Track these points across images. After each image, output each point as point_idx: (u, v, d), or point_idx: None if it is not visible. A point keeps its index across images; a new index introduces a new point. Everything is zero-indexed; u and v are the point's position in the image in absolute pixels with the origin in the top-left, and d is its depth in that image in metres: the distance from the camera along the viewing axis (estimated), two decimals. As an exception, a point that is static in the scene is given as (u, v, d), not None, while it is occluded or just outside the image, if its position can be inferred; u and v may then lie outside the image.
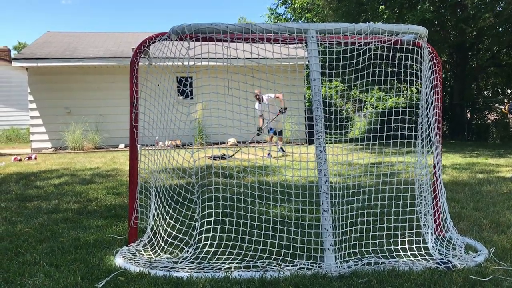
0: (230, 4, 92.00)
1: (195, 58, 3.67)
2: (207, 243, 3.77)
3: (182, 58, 3.75)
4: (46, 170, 9.20)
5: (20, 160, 11.44)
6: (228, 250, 3.67)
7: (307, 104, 16.61)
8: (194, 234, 3.77)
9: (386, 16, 14.50)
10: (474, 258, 3.52)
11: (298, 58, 13.60)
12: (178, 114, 4.08)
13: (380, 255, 3.59)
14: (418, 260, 3.54)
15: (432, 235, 3.87)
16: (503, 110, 18.96)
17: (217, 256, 3.61)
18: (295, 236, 3.77)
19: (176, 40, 3.77)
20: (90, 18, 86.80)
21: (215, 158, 9.18)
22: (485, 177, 7.70)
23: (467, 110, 19.66)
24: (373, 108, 21.02)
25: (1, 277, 3.21)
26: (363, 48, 3.83)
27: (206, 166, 4.16)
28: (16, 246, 3.92)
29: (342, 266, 3.35)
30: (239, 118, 3.98)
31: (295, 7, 21.25)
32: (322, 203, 3.42)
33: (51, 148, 15.27)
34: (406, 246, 3.76)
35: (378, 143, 4.18)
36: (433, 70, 4.11)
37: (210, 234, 3.81)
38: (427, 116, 3.94)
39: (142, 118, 4.20)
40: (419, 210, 3.94)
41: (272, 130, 11.68)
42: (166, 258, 3.64)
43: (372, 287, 3.03)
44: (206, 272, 3.28)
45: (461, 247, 3.77)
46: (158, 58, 4.03)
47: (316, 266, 3.36)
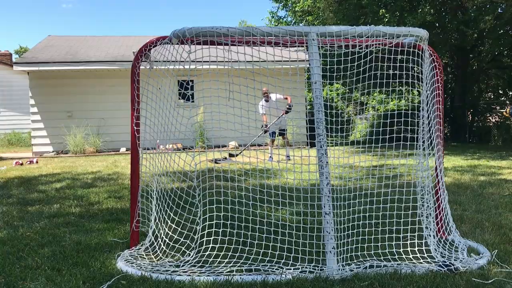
0: (231, 7, 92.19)
1: (196, 62, 3.67)
2: (209, 247, 3.76)
3: (183, 61, 3.75)
4: (47, 174, 9.20)
5: (21, 164, 11.45)
6: (229, 253, 3.66)
7: (308, 107, 16.65)
8: (195, 237, 3.77)
9: (386, 19, 14.51)
10: (476, 260, 3.51)
11: (299, 61, 13.60)
12: (179, 118, 4.08)
13: (382, 258, 3.58)
14: (420, 263, 3.53)
15: (434, 238, 3.86)
16: (505, 113, 18.96)
17: (218, 259, 3.60)
18: (297, 239, 3.77)
19: (177, 43, 3.77)
20: (91, 22, 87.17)
21: (217, 161, 9.18)
22: (487, 179, 7.68)
23: (469, 113, 19.65)
24: (374, 110, 21.02)
25: (3, 281, 3.21)
26: (364, 51, 3.83)
27: (208, 169, 4.16)
28: (17, 250, 3.92)
29: (344, 269, 3.34)
30: (241, 121, 3.98)
31: (296, 11, 21.29)
32: (324, 206, 3.42)
33: (53, 152, 15.29)
34: (408, 249, 3.75)
35: (380, 146, 4.17)
36: (434, 73, 4.11)
37: (211, 238, 3.80)
38: (428, 118, 3.94)
39: (144, 121, 4.20)
40: (421, 213, 3.93)
41: (273, 135, 11.59)
42: (168, 262, 3.63)
43: (374, 290, 3.02)
44: (208, 275, 3.27)
45: (463, 250, 3.76)
46: (159, 61, 4.03)
47: (318, 269, 3.35)
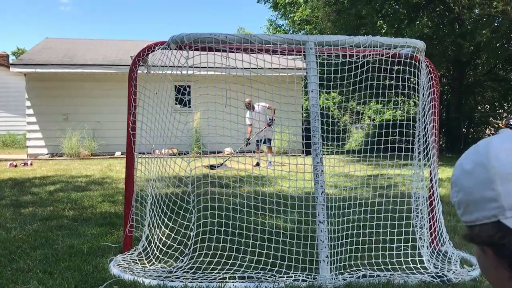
0: (229, 14, 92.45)
1: (194, 67, 3.68)
2: (202, 253, 3.75)
3: (180, 67, 3.76)
4: (41, 177, 9.16)
5: (15, 165, 11.39)
6: (223, 260, 3.65)
7: (305, 115, 16.68)
8: (189, 243, 3.75)
9: (384, 30, 14.58)
10: (469, 272, 3.52)
11: (296, 69, 13.65)
12: (176, 123, 4.08)
13: (375, 268, 3.58)
14: (413, 273, 3.53)
15: (427, 249, 3.86)
16: (501, 124, 19.03)
17: (212, 266, 3.59)
18: (291, 247, 3.76)
19: (175, 49, 3.78)
20: (88, 25, 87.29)
21: (212, 167, 9.16)
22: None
23: (464, 124, 19.72)
24: (370, 120, 21.07)
25: (-7, 283, 3.19)
26: (361, 60, 3.86)
27: (203, 175, 4.16)
28: (10, 253, 3.89)
29: (337, 278, 3.34)
30: (237, 128, 3.99)
31: (294, 20, 21.38)
32: (318, 215, 3.42)
33: (47, 154, 15.22)
34: (402, 259, 3.75)
35: (375, 156, 4.18)
36: (430, 84, 4.14)
37: (205, 244, 3.79)
38: (425, 129, 3.96)
39: (140, 126, 4.19)
40: (415, 223, 3.94)
41: (259, 143, 11.63)
42: (161, 267, 3.62)
43: (367, 300, 3.02)
44: (201, 282, 3.27)
45: (456, 261, 3.76)
46: (157, 66, 4.04)
47: (311, 278, 3.35)
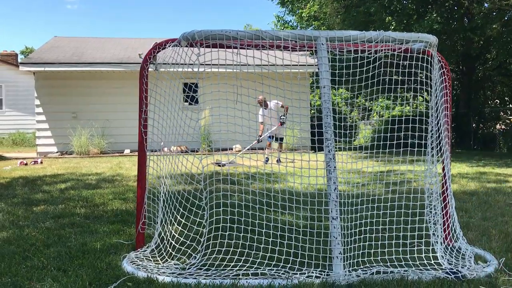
0: (236, 11, 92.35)
1: (205, 65, 3.68)
2: (215, 250, 3.76)
3: (192, 64, 3.75)
4: (52, 175, 9.22)
5: (26, 164, 11.47)
6: (236, 257, 3.65)
7: (312, 111, 16.64)
8: (202, 240, 3.76)
9: (393, 27, 14.50)
10: (484, 268, 3.49)
11: (304, 65, 13.60)
12: (186, 120, 4.08)
13: (389, 264, 3.56)
14: (427, 269, 3.51)
15: (441, 245, 3.84)
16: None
17: (225, 262, 3.59)
18: (303, 244, 3.75)
19: (186, 46, 3.78)
20: (94, 22, 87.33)
21: (219, 164, 9.17)
22: (492, 186, 7.65)
23: (474, 120, 19.59)
24: (379, 116, 21.00)
25: (9, 281, 3.21)
26: (373, 56, 3.83)
27: (215, 172, 4.16)
28: (23, 250, 3.92)
29: (350, 275, 3.32)
30: (248, 125, 3.98)
31: (302, 16, 21.31)
32: (331, 211, 3.41)
33: (57, 152, 15.31)
34: (415, 256, 3.73)
35: (385, 152, 4.16)
36: (443, 79, 4.10)
37: (218, 241, 3.80)
38: (438, 124, 3.93)
39: (151, 123, 4.20)
40: (429, 219, 3.91)
41: (270, 138, 11.64)
42: (174, 264, 3.62)
43: (381, 297, 3.01)
44: (214, 278, 3.26)
45: (470, 257, 3.74)
46: (168, 64, 4.03)
47: (324, 275, 3.34)
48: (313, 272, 3.39)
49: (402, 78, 4.00)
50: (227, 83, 3.85)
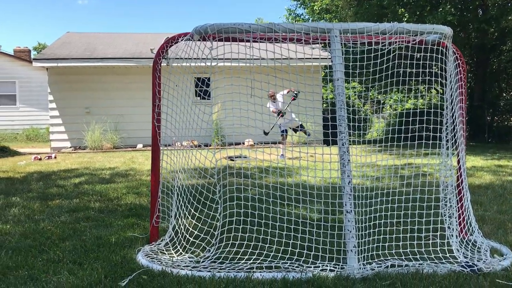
0: (247, 4, 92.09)
1: (218, 59, 3.67)
2: (229, 243, 3.76)
3: (204, 58, 3.75)
4: (66, 169, 9.30)
5: (40, 159, 11.59)
6: (249, 250, 3.66)
7: (324, 105, 16.57)
8: (216, 233, 3.77)
9: (405, 19, 14.35)
10: (500, 262, 3.46)
11: (317, 58, 13.53)
12: (199, 115, 4.08)
13: (403, 258, 3.54)
14: (443, 263, 3.48)
15: (456, 238, 3.81)
16: None
17: (239, 256, 3.60)
18: (317, 237, 3.75)
19: (198, 40, 3.77)
20: (106, 18, 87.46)
21: (231, 158, 9.17)
22: (508, 180, 7.56)
23: (488, 112, 19.35)
24: (392, 109, 20.85)
25: (26, 274, 3.25)
26: (386, 48, 3.80)
27: (228, 166, 4.16)
28: (40, 244, 3.96)
29: (365, 268, 3.31)
30: (261, 118, 3.97)
31: (314, 9, 21.19)
32: (345, 204, 3.39)
33: (70, 147, 15.44)
34: (430, 249, 3.71)
35: (399, 144, 4.13)
36: (457, 71, 4.05)
37: (232, 234, 3.81)
38: (453, 117, 3.89)
39: (165, 117, 4.21)
40: (444, 213, 3.88)
41: (285, 132, 11.53)
42: (188, 257, 3.64)
43: (396, 290, 2.99)
44: (228, 271, 3.27)
45: (486, 251, 3.70)
46: (181, 58, 4.03)
47: (338, 268, 3.33)
48: (327, 265, 3.39)
49: (416, 70, 3.95)
50: (240, 77, 3.84)
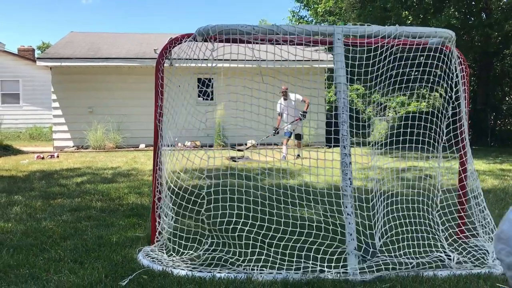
0: (251, 6, 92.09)
1: (220, 60, 3.68)
2: (230, 244, 3.77)
3: (206, 59, 3.76)
4: (68, 169, 9.32)
5: (42, 158, 11.61)
6: (250, 250, 3.66)
7: (328, 107, 16.57)
8: (216, 234, 3.77)
9: (409, 21, 14.35)
10: (501, 265, 3.45)
11: (319, 61, 13.52)
12: (200, 115, 4.09)
13: (404, 261, 3.54)
14: (444, 264, 3.48)
15: (451, 240, 3.81)
16: None
17: (239, 257, 3.60)
18: (318, 239, 3.75)
19: (201, 41, 3.79)
20: (110, 17, 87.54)
21: (234, 159, 9.18)
22: (509, 183, 7.55)
23: (491, 116, 19.31)
24: (395, 112, 20.82)
25: (27, 272, 3.26)
26: (390, 50, 3.80)
27: (228, 167, 4.17)
28: (41, 243, 3.97)
29: (365, 271, 3.32)
30: (265, 121, 3.98)
31: (318, 11, 21.21)
32: (346, 207, 3.40)
33: (73, 146, 15.47)
34: (428, 250, 3.71)
35: (403, 147, 4.14)
36: (461, 75, 4.05)
37: (231, 235, 3.81)
38: (459, 121, 3.90)
39: (167, 118, 4.22)
40: (435, 215, 3.90)
41: (288, 133, 11.51)
42: (189, 258, 3.64)
43: (396, 293, 2.99)
44: (229, 272, 3.28)
45: (484, 254, 3.70)
46: (183, 59, 4.04)
47: (339, 270, 3.33)
48: (327, 267, 3.39)
49: (418, 74, 3.96)
50: (244, 78, 3.85)
